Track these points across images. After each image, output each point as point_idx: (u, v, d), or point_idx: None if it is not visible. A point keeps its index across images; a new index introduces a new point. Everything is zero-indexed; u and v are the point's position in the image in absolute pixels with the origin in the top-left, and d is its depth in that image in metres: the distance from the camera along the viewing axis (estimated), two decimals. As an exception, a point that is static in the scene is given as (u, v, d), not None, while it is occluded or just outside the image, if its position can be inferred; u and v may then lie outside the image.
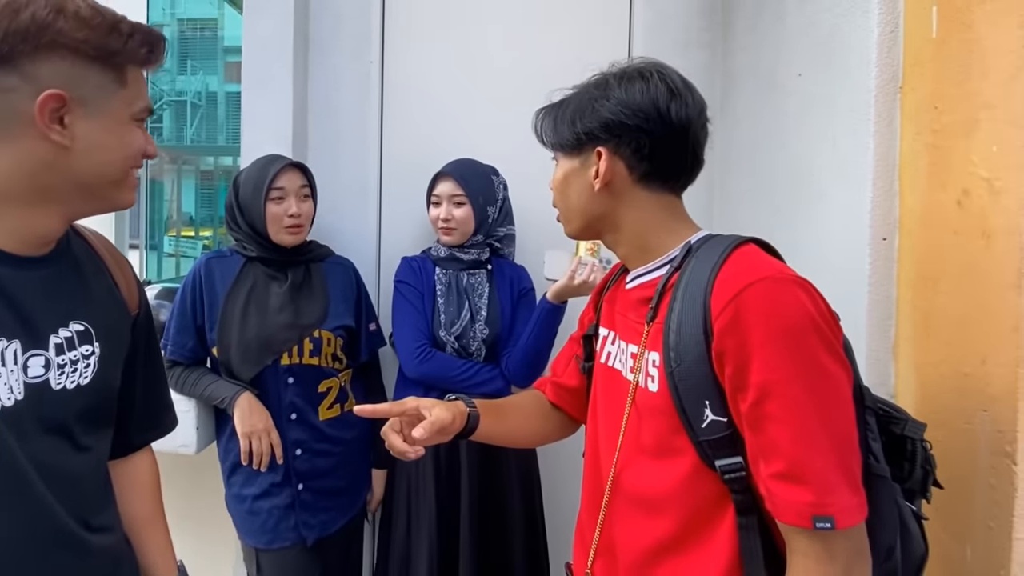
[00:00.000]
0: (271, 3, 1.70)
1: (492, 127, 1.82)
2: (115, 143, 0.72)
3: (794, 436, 0.66)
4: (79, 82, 0.68)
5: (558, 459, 1.73)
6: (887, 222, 1.05)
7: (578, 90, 0.86)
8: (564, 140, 0.85)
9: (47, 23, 0.65)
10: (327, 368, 1.48)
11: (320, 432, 1.47)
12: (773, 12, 1.47)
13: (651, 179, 0.82)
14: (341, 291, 1.54)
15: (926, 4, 1.01)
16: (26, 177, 0.68)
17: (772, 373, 0.66)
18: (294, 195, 1.44)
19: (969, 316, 0.90)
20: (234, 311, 1.43)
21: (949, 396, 0.92)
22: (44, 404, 0.71)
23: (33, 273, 0.72)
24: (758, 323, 0.67)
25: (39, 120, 0.66)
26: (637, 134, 0.78)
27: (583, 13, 1.82)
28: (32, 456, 0.69)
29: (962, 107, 0.93)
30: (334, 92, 1.83)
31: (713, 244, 0.77)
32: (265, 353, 1.42)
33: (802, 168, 1.31)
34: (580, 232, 0.89)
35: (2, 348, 0.67)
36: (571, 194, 0.86)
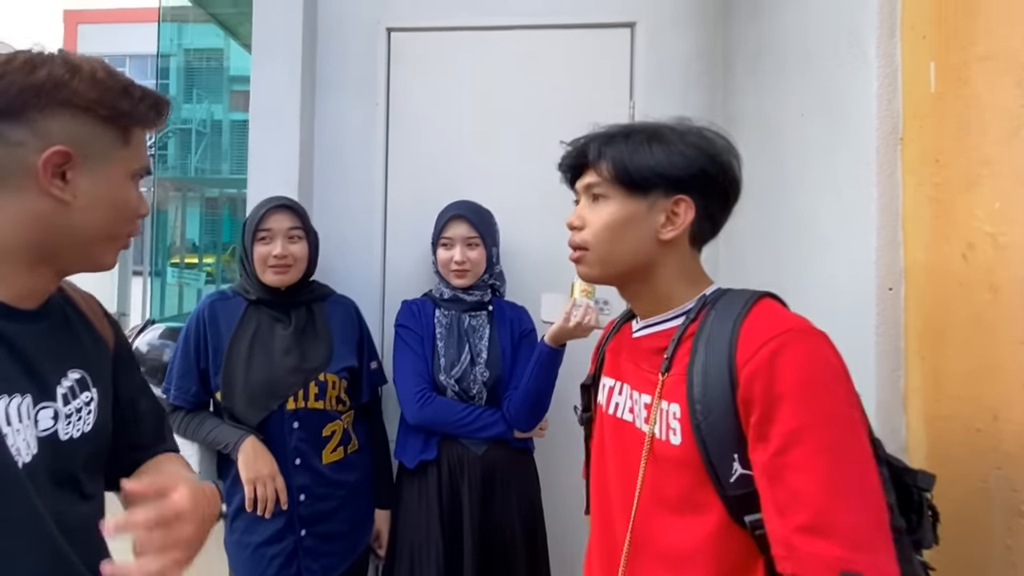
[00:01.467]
0: (280, 45, 1.73)
1: (494, 169, 1.84)
2: (113, 200, 0.73)
3: (821, 486, 0.63)
4: (87, 140, 0.69)
5: (563, 495, 1.70)
6: (892, 272, 1.06)
7: (641, 127, 0.81)
8: (638, 176, 0.78)
9: (63, 81, 0.67)
10: (331, 411, 1.47)
11: (323, 476, 1.45)
12: (773, 59, 1.49)
13: (700, 237, 0.82)
14: (343, 331, 1.53)
15: (923, 59, 1.02)
16: (26, 231, 0.68)
17: (799, 420, 0.65)
18: (282, 236, 1.44)
19: (979, 370, 0.89)
20: (239, 355, 1.42)
21: (961, 452, 0.91)
22: (55, 456, 0.71)
23: (35, 326, 0.72)
24: (787, 371, 0.67)
25: (42, 174, 0.66)
26: (718, 192, 0.79)
27: (585, 56, 1.85)
28: (48, 509, 0.68)
29: (963, 161, 0.94)
30: (340, 132, 1.85)
31: (732, 297, 0.78)
32: (271, 398, 1.41)
33: (805, 215, 1.31)
34: (611, 278, 0.84)
35: (16, 404, 0.67)
36: (625, 239, 0.79)
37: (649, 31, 1.82)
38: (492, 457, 1.50)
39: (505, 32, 1.86)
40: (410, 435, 1.53)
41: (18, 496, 0.65)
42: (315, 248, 1.53)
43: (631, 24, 1.84)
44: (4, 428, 0.65)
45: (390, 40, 1.87)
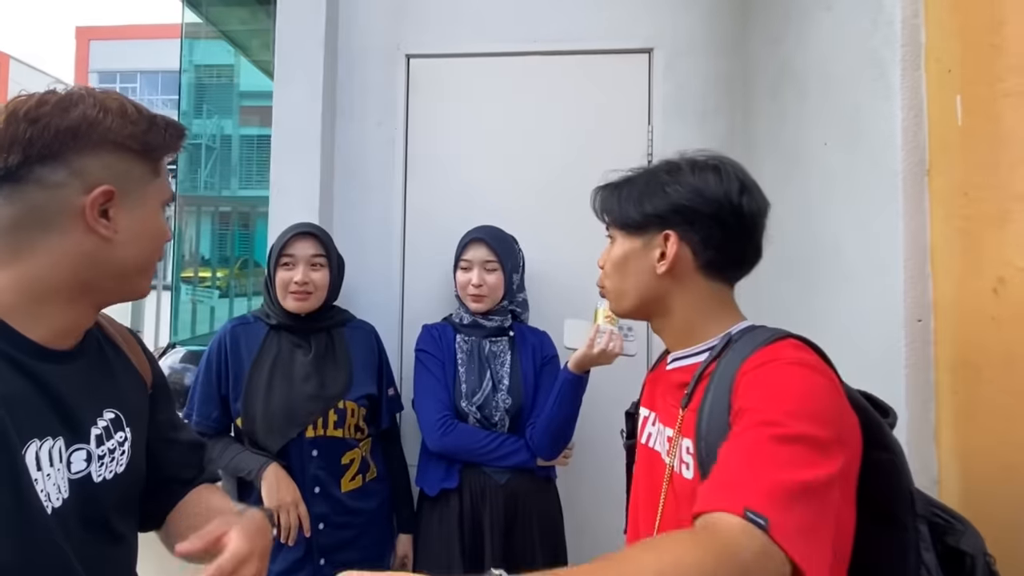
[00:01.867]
0: (301, 71, 1.76)
1: (513, 194, 1.85)
2: (150, 231, 0.74)
3: (765, 463, 0.61)
4: (124, 176, 0.70)
5: (586, 524, 1.69)
6: (921, 304, 1.05)
7: (642, 172, 0.87)
8: (629, 219, 0.84)
9: (96, 121, 0.68)
10: (350, 439, 1.47)
11: (342, 505, 1.45)
12: (794, 87, 1.50)
13: (712, 268, 0.83)
14: (363, 357, 1.54)
15: (949, 93, 1.03)
16: (69, 270, 0.69)
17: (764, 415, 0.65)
18: (304, 263, 1.45)
19: (1013, 405, 0.88)
20: (259, 381, 1.42)
21: (996, 487, 0.90)
22: (86, 500, 0.70)
23: (70, 366, 0.72)
24: (763, 385, 0.69)
25: (89, 215, 0.67)
26: (709, 222, 0.80)
27: (603, 82, 1.87)
28: (78, 554, 0.68)
29: (993, 196, 0.94)
30: (360, 157, 1.87)
31: (752, 336, 0.77)
32: (291, 425, 1.41)
33: (830, 245, 1.31)
34: (631, 312, 0.89)
35: (48, 447, 0.67)
36: (629, 274, 0.85)
37: (667, 57, 1.84)
38: (515, 486, 1.49)
39: (523, 58, 1.88)
40: (431, 463, 1.52)
41: (46, 543, 0.65)
42: (339, 275, 1.53)
43: (649, 50, 1.86)
44: (34, 473, 0.64)
45: (409, 66, 1.90)
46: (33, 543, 0.64)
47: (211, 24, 3.40)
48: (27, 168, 0.66)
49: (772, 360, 0.71)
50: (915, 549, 0.69)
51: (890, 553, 0.70)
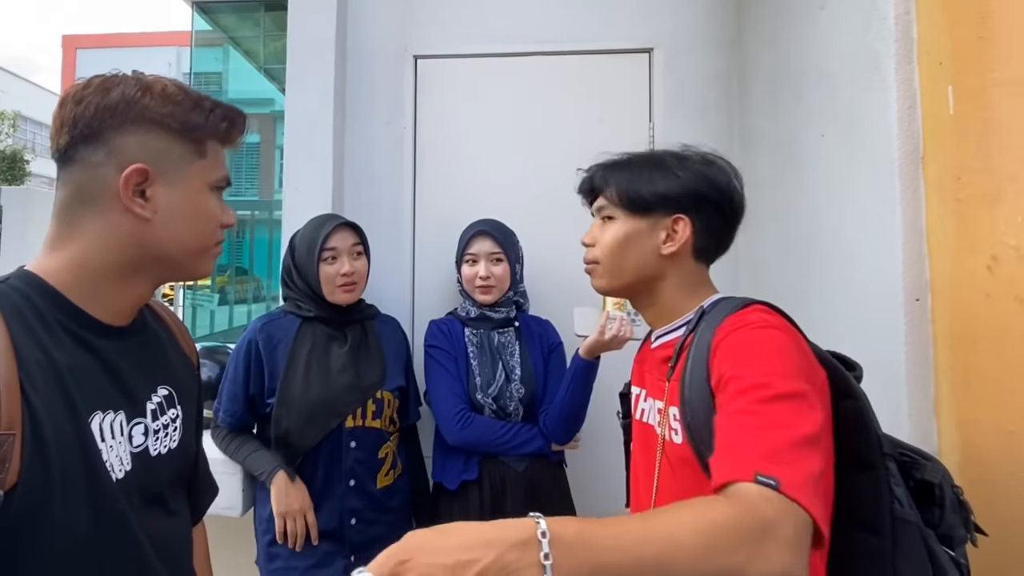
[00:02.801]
0: (312, 74, 1.80)
1: (519, 189, 1.90)
2: (193, 212, 0.73)
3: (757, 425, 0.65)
4: (162, 155, 0.70)
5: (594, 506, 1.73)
6: (919, 284, 1.11)
7: (642, 155, 0.91)
8: (639, 198, 0.87)
9: (135, 99, 0.69)
10: (385, 432, 1.48)
11: (375, 500, 1.44)
12: (790, 82, 1.56)
13: (702, 252, 0.89)
14: (395, 350, 1.55)
15: (941, 84, 1.09)
16: (115, 250, 0.69)
17: (747, 381, 0.69)
18: (346, 254, 1.45)
19: (1008, 376, 0.94)
20: (295, 374, 1.40)
21: (994, 454, 0.96)
22: (147, 473, 0.72)
23: (126, 342, 0.73)
24: (737, 351, 0.74)
25: (123, 193, 0.68)
26: (713, 210, 0.86)
27: (605, 81, 1.93)
28: (140, 526, 0.69)
29: (984, 179, 1.00)
30: (370, 156, 1.91)
31: (722, 306, 0.83)
32: (331, 416, 1.40)
33: (828, 232, 1.37)
34: (620, 290, 0.92)
35: (110, 420, 0.68)
36: (630, 254, 0.88)
37: (666, 56, 1.90)
38: (533, 472, 1.52)
39: (528, 58, 1.93)
40: (449, 456, 1.54)
41: (115, 512, 0.66)
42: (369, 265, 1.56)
43: (649, 50, 1.92)
44: (99, 444, 0.65)
45: (417, 67, 1.95)
46: (104, 512, 0.64)
47: (221, 31, 3.43)
48: (74, 149, 0.68)
49: (741, 326, 0.76)
50: (887, 485, 0.74)
51: (865, 492, 0.75)
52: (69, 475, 0.61)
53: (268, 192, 7.40)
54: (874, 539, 0.74)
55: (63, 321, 0.67)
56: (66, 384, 0.64)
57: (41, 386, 0.61)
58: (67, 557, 0.61)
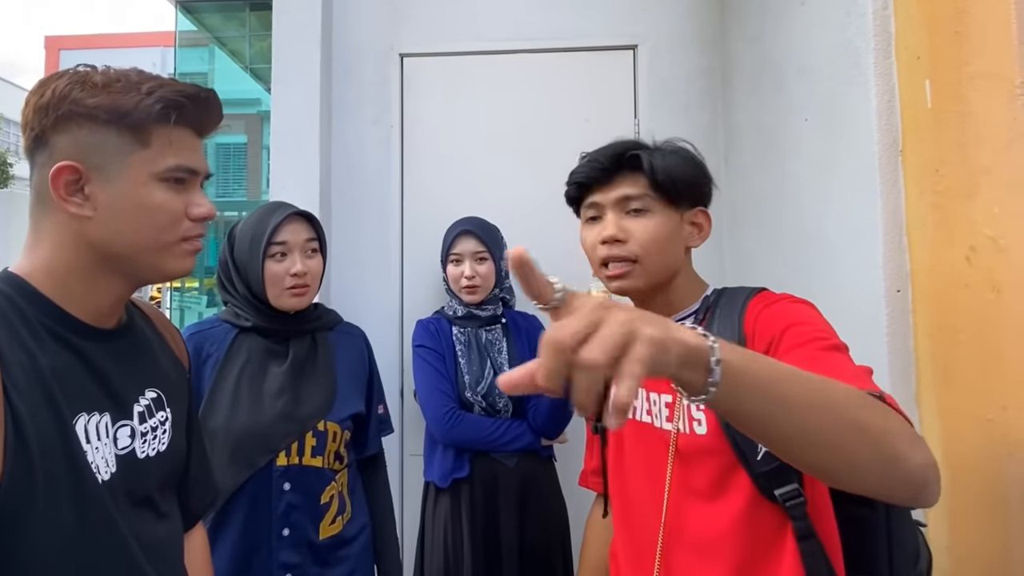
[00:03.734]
0: (298, 73, 1.79)
1: (506, 186, 1.90)
2: (136, 206, 0.68)
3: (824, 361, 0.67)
4: (95, 149, 0.66)
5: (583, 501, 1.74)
6: (899, 275, 1.13)
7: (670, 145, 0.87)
8: (686, 191, 0.83)
9: (64, 94, 0.65)
10: (327, 471, 1.21)
11: (319, 554, 1.18)
12: (772, 78, 1.58)
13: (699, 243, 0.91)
14: (350, 369, 1.29)
15: (919, 78, 1.11)
16: (70, 250, 0.68)
17: (811, 333, 0.72)
18: (298, 250, 1.21)
19: (987, 365, 0.96)
20: (222, 398, 1.15)
21: (974, 441, 0.97)
22: (133, 475, 0.71)
23: (113, 344, 0.72)
24: (785, 315, 0.76)
25: (54, 194, 0.65)
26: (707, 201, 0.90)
27: (590, 78, 1.94)
28: (129, 527, 0.68)
29: (962, 171, 1.01)
30: (357, 155, 1.91)
31: (732, 294, 0.85)
32: (257, 452, 1.14)
33: (810, 225, 1.39)
34: (653, 289, 0.86)
35: (95, 422, 0.67)
36: (671, 250, 0.84)
37: (650, 53, 1.91)
38: (524, 468, 1.53)
39: (513, 56, 1.94)
40: (439, 454, 1.54)
41: (101, 513, 0.65)
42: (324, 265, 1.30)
43: (633, 47, 1.93)
44: (84, 445, 0.64)
45: (403, 65, 1.95)
46: (90, 513, 0.64)
47: (207, 31, 3.42)
48: (30, 152, 0.68)
49: (774, 301, 0.79)
50: None
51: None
52: (53, 476, 0.61)
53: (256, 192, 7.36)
54: (867, 511, 0.77)
55: (46, 323, 0.66)
56: (49, 386, 0.63)
57: (24, 388, 0.60)
58: (53, 557, 0.61)
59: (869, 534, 0.77)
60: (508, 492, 1.50)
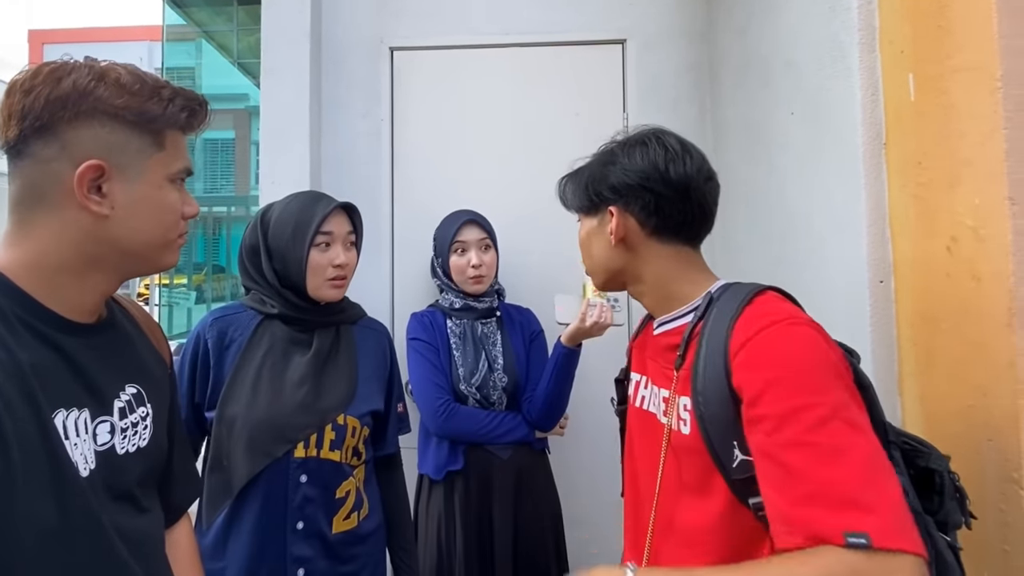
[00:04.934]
0: (288, 67, 1.79)
1: (496, 179, 1.91)
2: (154, 207, 0.71)
3: (816, 459, 0.63)
4: (118, 149, 0.67)
5: (577, 493, 1.76)
6: (882, 266, 1.15)
7: (591, 159, 0.96)
8: (582, 203, 0.94)
9: (88, 90, 0.65)
10: (346, 466, 1.19)
11: (331, 549, 1.16)
12: (759, 71, 1.60)
13: (663, 233, 0.89)
14: (373, 365, 1.27)
15: (903, 72, 1.12)
16: (71, 246, 0.67)
17: (787, 402, 0.68)
18: (341, 242, 1.21)
19: (967, 352, 0.98)
20: (243, 384, 1.14)
21: (955, 427, 0.99)
22: (112, 471, 0.70)
23: (93, 340, 0.72)
24: (772, 357, 0.72)
25: (78, 191, 0.65)
26: (641, 192, 0.87)
27: (579, 72, 1.94)
28: (109, 521, 0.68)
29: (943, 163, 1.03)
30: (347, 148, 1.91)
31: (733, 292, 0.84)
32: (276, 442, 1.12)
33: (797, 217, 1.41)
34: (606, 284, 0.96)
35: (74, 418, 0.67)
36: (593, 250, 0.94)
37: (639, 47, 1.92)
38: (518, 460, 1.54)
39: (503, 50, 1.94)
40: (433, 446, 1.55)
41: (83, 508, 0.65)
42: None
43: (622, 41, 1.94)
44: (64, 441, 0.64)
45: (393, 59, 1.94)
46: (71, 506, 0.63)
47: (196, 25, 3.39)
48: (24, 143, 0.65)
49: (766, 326, 0.74)
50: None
51: None
52: (33, 471, 0.60)
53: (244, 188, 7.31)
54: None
55: (25, 318, 0.65)
56: (28, 381, 0.62)
57: (2, 383, 0.60)
58: (34, 551, 0.61)
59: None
60: (502, 484, 1.51)
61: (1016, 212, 0.89)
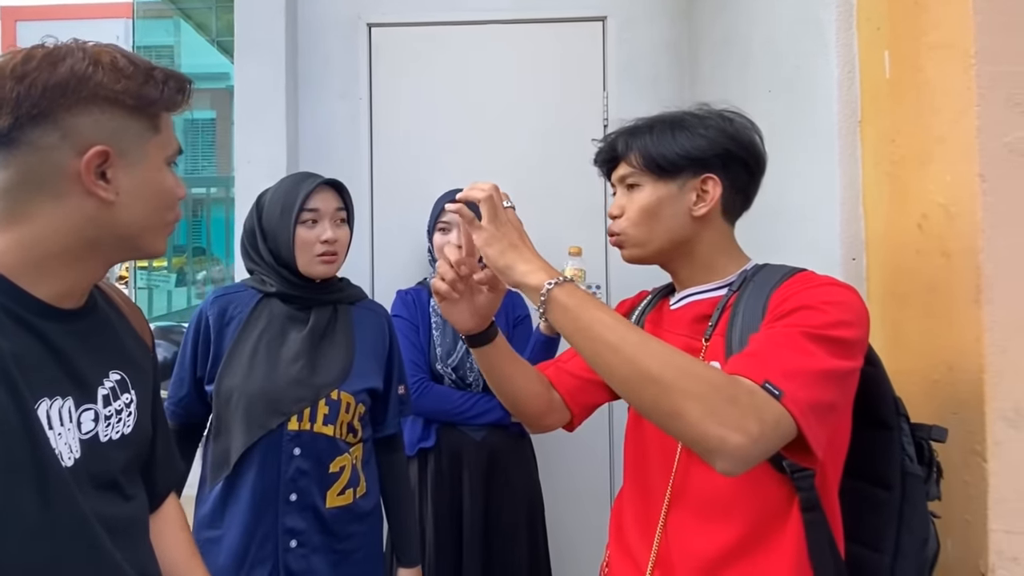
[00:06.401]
0: (262, 43, 1.75)
1: (476, 157, 1.89)
2: (155, 190, 0.71)
3: (777, 345, 0.69)
4: (120, 134, 0.67)
5: (560, 477, 1.77)
6: (855, 244, 1.15)
7: (660, 118, 0.89)
8: (665, 162, 0.85)
9: (86, 76, 0.64)
10: (340, 441, 1.21)
11: (324, 523, 1.18)
12: (739, 50, 1.59)
13: (730, 210, 0.89)
14: (372, 344, 1.29)
15: (879, 48, 1.12)
16: (72, 233, 0.66)
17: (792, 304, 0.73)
18: (329, 218, 1.22)
19: (935, 328, 0.99)
20: (240, 358, 1.18)
21: (921, 401, 1.01)
22: (97, 459, 0.70)
23: (76, 326, 0.71)
24: (807, 294, 0.75)
25: (85, 178, 0.64)
26: (739, 167, 0.86)
27: (560, 49, 1.92)
28: (93, 512, 0.67)
29: (917, 140, 1.04)
30: (325, 127, 1.88)
31: (771, 271, 0.85)
32: (271, 414, 1.15)
33: (772, 196, 1.39)
34: (656, 255, 0.90)
35: (58, 407, 0.66)
36: (663, 218, 0.87)
37: (619, 25, 1.90)
38: (491, 442, 1.55)
39: (482, 27, 1.91)
40: (407, 422, 1.55)
41: (66, 499, 0.64)
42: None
43: (603, 18, 1.92)
44: (48, 431, 0.63)
45: (371, 35, 1.91)
46: (53, 498, 0.63)
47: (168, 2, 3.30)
48: (19, 130, 0.63)
49: (818, 285, 0.77)
50: (900, 443, 0.81)
51: (881, 449, 0.82)
52: (15, 461, 0.59)
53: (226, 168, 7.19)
54: (884, 493, 0.80)
55: (6, 304, 0.64)
56: (10, 371, 0.61)
57: None
58: (15, 542, 0.60)
59: (880, 513, 0.80)
60: (473, 465, 1.52)
61: (986, 189, 0.90)
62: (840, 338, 0.70)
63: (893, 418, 0.81)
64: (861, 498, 0.81)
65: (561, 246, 1.51)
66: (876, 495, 0.81)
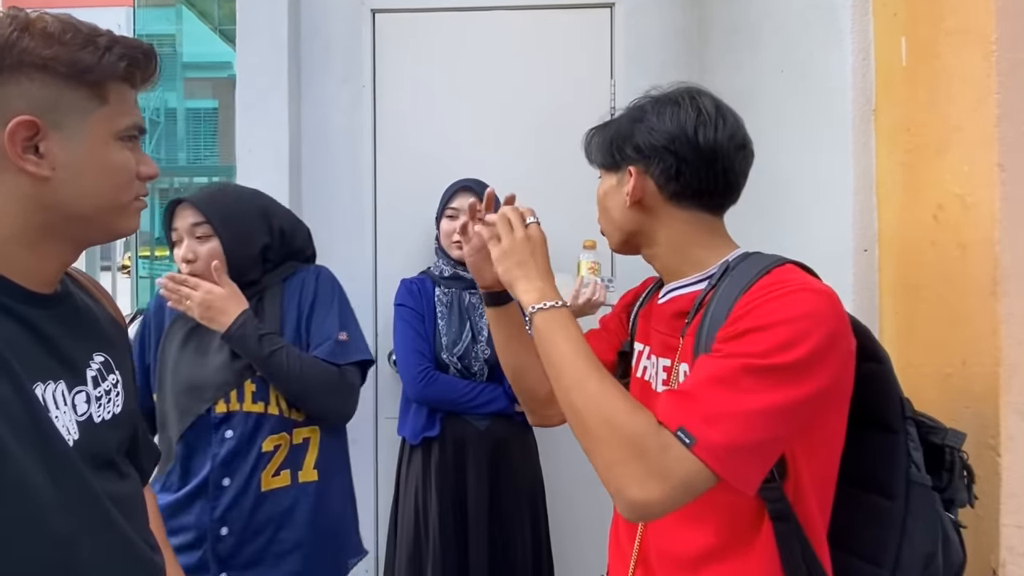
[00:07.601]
0: (265, 29, 1.73)
1: (481, 145, 1.87)
2: (100, 166, 0.66)
3: (711, 380, 0.67)
4: (51, 104, 0.62)
5: (562, 467, 1.77)
6: (867, 235, 1.14)
7: (622, 113, 0.89)
8: (604, 159, 0.89)
9: (11, 42, 0.60)
10: (273, 416, 1.19)
11: (261, 507, 1.17)
12: (749, 36, 1.56)
13: (682, 198, 0.84)
14: (297, 308, 1.27)
15: (895, 34, 1.10)
16: (16, 214, 0.63)
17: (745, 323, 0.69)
18: (187, 235, 1.22)
19: (949, 321, 0.97)
20: (169, 354, 1.23)
21: (933, 395, 1.00)
22: (94, 440, 0.70)
23: (56, 311, 0.70)
24: (773, 308, 0.69)
25: (10, 151, 0.60)
26: (664, 155, 0.82)
27: (567, 36, 1.90)
28: (102, 490, 0.68)
29: (933, 129, 1.01)
30: (328, 113, 1.86)
31: (751, 263, 0.80)
32: (196, 401, 1.17)
33: (782, 184, 1.39)
34: (620, 245, 0.91)
35: (52, 390, 0.65)
36: (609, 209, 0.89)
37: (627, 11, 1.87)
38: (495, 432, 1.54)
39: (488, 13, 1.88)
40: (412, 412, 1.56)
41: (76, 476, 0.64)
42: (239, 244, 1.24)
43: (611, 4, 1.89)
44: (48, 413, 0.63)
45: (375, 21, 1.88)
46: (64, 475, 0.63)
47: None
48: None
49: (775, 291, 0.71)
50: (905, 449, 0.75)
51: (884, 453, 0.77)
52: (21, 441, 0.59)
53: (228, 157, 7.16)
54: (886, 502, 0.75)
55: None
56: (5, 356, 0.60)
57: None
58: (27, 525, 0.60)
59: (881, 524, 0.76)
60: (477, 454, 1.52)
61: (1005, 179, 0.88)
62: (785, 364, 0.66)
63: (898, 421, 0.76)
64: (859, 506, 0.77)
65: (565, 235, 1.49)
66: (876, 504, 0.76)
